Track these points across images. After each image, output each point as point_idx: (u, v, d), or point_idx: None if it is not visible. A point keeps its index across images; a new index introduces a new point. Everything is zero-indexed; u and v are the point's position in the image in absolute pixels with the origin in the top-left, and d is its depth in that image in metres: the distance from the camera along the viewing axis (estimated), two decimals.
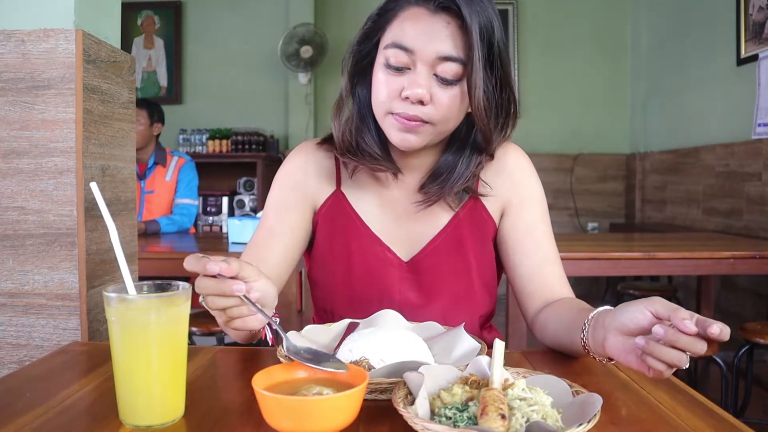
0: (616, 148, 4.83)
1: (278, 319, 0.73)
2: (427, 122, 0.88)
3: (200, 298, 0.69)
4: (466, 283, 1.00)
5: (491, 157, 1.00)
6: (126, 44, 4.82)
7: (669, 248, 2.28)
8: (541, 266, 0.99)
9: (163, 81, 4.87)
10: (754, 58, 3.16)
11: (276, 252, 0.99)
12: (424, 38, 0.85)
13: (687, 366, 0.63)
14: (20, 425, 0.62)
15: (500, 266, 1.07)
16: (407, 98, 0.86)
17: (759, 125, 3.08)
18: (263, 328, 0.77)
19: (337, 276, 1.02)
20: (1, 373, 1.01)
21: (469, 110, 0.91)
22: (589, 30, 4.80)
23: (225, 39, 4.81)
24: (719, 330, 0.60)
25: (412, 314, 0.96)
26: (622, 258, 2.20)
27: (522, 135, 0.95)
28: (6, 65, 1.02)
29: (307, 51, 4.42)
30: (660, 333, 0.63)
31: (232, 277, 0.66)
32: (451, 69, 0.85)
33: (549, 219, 1.05)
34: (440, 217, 1.01)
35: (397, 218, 1.01)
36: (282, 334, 0.71)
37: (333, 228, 1.02)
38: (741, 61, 3.32)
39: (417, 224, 1.01)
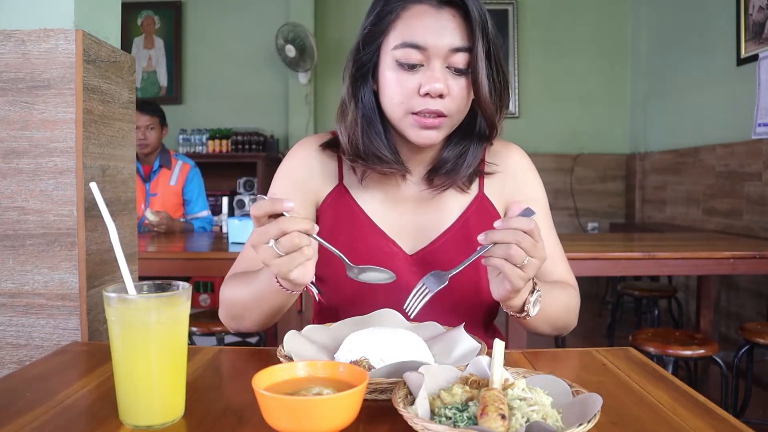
0: (616, 148, 4.83)
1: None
2: (446, 116, 0.91)
3: (270, 242, 0.74)
4: (474, 277, 1.00)
5: (491, 142, 1.03)
6: (126, 44, 4.82)
7: (669, 248, 2.28)
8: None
9: (163, 81, 4.87)
10: (754, 58, 3.16)
11: None
12: (435, 33, 0.88)
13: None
14: (20, 425, 0.62)
15: None
16: (427, 94, 0.88)
17: (759, 125, 3.08)
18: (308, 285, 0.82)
19: (340, 270, 1.00)
20: (1, 373, 1.01)
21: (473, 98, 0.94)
22: (589, 30, 4.80)
23: (225, 39, 4.81)
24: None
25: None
26: (622, 258, 2.20)
27: (522, 135, 0.96)
28: (6, 65, 1.02)
29: (291, 50, 4.41)
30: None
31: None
32: (461, 59, 0.89)
33: (551, 220, 1.06)
34: (449, 212, 1.02)
35: (401, 213, 1.02)
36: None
37: (336, 221, 1.02)
38: (741, 61, 3.32)
39: (423, 218, 1.02)
